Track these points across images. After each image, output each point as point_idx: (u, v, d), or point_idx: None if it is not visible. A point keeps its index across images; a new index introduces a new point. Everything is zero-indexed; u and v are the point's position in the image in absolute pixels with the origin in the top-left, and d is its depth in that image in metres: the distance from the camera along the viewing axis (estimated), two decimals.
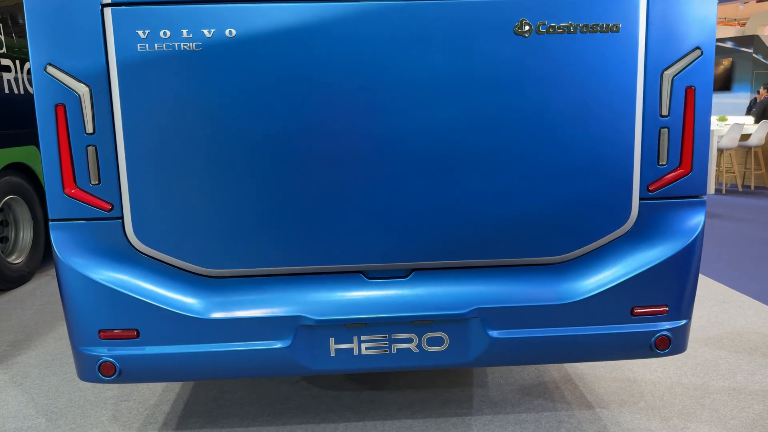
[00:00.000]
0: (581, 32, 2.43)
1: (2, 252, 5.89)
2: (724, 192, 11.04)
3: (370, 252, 2.57)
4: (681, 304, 2.68)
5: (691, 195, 2.62)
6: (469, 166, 2.51)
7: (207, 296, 2.56)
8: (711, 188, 10.62)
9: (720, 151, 10.79)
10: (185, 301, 2.53)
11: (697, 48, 2.49)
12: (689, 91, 2.52)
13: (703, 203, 2.64)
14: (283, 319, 2.55)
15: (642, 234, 2.63)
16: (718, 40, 16.74)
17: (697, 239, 2.63)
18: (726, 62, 16.69)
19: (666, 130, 2.54)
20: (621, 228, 2.61)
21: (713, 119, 12.30)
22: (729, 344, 4.25)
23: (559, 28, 2.43)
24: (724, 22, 22.70)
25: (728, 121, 11.87)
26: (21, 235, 6.11)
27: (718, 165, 10.95)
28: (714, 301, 5.19)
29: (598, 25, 2.43)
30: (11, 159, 5.67)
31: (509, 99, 2.47)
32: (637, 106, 2.51)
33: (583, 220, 2.59)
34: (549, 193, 2.55)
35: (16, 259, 6.02)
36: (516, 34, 2.43)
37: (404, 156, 2.50)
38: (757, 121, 11.94)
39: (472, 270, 2.65)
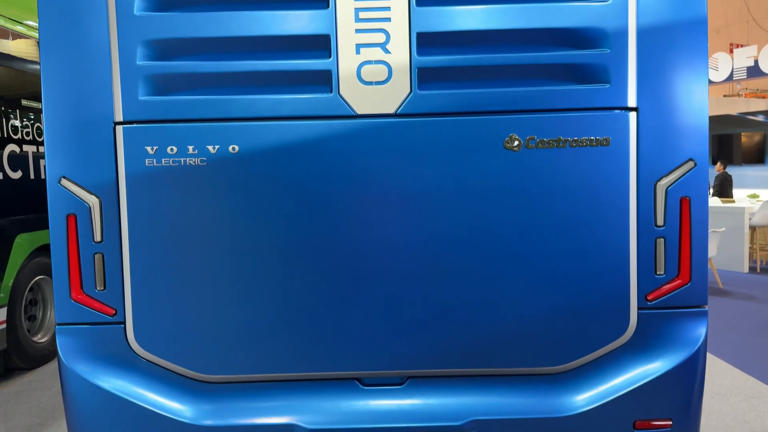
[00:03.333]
0: (571, 146, 2.49)
1: (29, 330, 6.05)
2: (758, 270, 10.73)
3: (365, 359, 2.58)
4: (686, 417, 2.60)
5: (692, 305, 2.58)
6: (465, 276, 2.54)
7: (201, 402, 2.59)
8: (745, 267, 10.35)
9: (753, 228, 10.56)
10: (180, 408, 2.57)
11: (690, 160, 2.52)
12: (684, 202, 2.53)
13: (704, 314, 2.59)
14: (278, 428, 2.55)
15: (642, 345, 2.59)
16: (750, 113, 16.67)
17: (700, 351, 2.57)
18: (758, 136, 16.54)
19: (662, 240, 2.54)
20: (620, 338, 2.58)
21: (744, 195, 12.12)
22: None
23: (548, 142, 2.49)
24: (757, 93, 22.64)
25: (760, 198, 11.67)
26: (48, 314, 6.29)
27: (752, 242, 10.69)
28: (741, 396, 4.97)
29: (587, 139, 2.49)
30: (43, 241, 5.91)
31: (502, 211, 2.52)
32: (631, 216, 2.53)
33: (581, 331, 2.57)
34: (545, 302, 2.55)
35: (42, 338, 6.17)
36: (506, 148, 2.50)
37: (400, 266, 2.54)
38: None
39: (469, 379, 2.63)
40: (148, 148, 2.48)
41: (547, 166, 2.50)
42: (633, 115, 2.49)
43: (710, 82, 16.25)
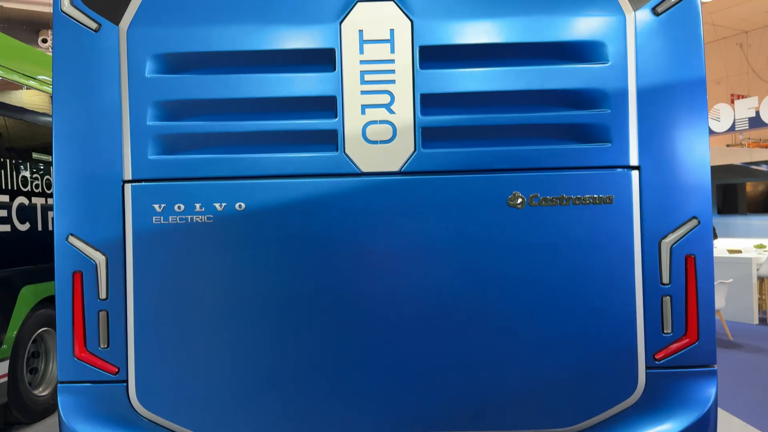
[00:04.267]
0: (574, 204, 2.51)
1: (30, 383, 5.98)
2: None
3: (371, 422, 2.54)
4: None
5: (701, 365, 2.54)
6: (471, 335, 2.52)
7: None
8: (754, 318, 10.21)
9: (761, 279, 10.47)
10: None
11: (694, 218, 2.52)
12: (689, 260, 2.53)
13: (713, 373, 2.55)
14: None
15: (651, 406, 2.54)
16: (753, 163, 16.75)
17: (710, 411, 2.52)
18: (763, 186, 16.58)
19: (668, 298, 2.53)
20: (629, 399, 2.53)
21: (751, 246, 12.06)
22: None
23: (551, 200, 2.51)
24: (759, 143, 22.81)
25: (767, 248, 11.60)
26: (51, 367, 6.23)
27: (760, 293, 10.57)
28: None
29: (591, 197, 2.50)
30: (48, 292, 5.91)
31: (507, 269, 2.52)
32: (637, 274, 2.52)
33: (589, 390, 2.53)
34: (552, 362, 2.52)
35: (43, 391, 6.09)
36: (509, 206, 2.51)
37: (406, 325, 2.53)
38: None
39: None
40: (156, 206, 2.51)
41: (551, 223, 2.51)
42: (635, 174, 2.51)
43: (712, 132, 16.42)
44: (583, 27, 2.53)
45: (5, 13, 13.65)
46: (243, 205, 2.52)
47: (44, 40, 13.65)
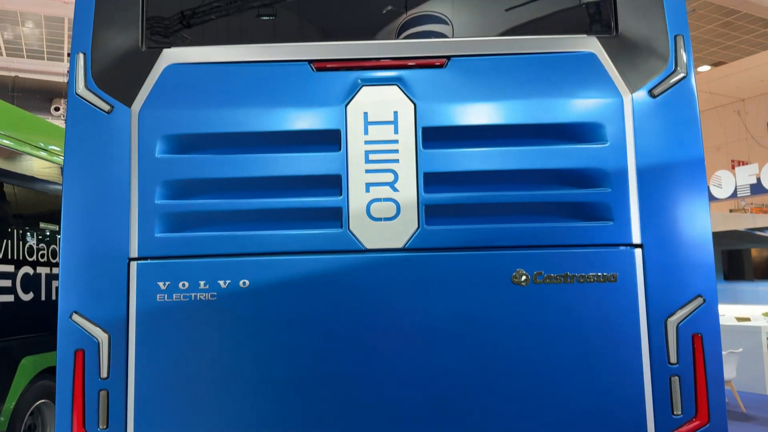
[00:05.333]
0: (578, 282, 2.50)
1: None
2: None
3: None
4: None
5: None
6: (475, 416, 2.47)
7: None
8: (767, 388, 9.97)
9: None
10: None
11: (699, 296, 2.51)
12: (696, 339, 2.50)
13: None
14: None
15: None
16: (758, 228, 16.76)
17: None
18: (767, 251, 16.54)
19: (677, 378, 2.49)
20: None
21: (760, 313, 11.90)
22: None
23: (555, 278, 2.51)
24: (762, 208, 22.90)
25: None
26: None
27: None
28: None
29: (595, 275, 2.51)
30: (48, 363, 5.84)
31: (511, 347, 2.50)
32: (644, 353, 2.49)
33: None
34: None
35: None
36: (513, 283, 2.51)
37: (410, 403, 2.49)
38: None
39: None
40: (161, 284, 2.52)
41: (555, 301, 2.50)
42: (638, 252, 2.52)
43: (714, 198, 16.50)
44: (582, 109, 2.60)
45: (19, 83, 14.09)
46: (247, 282, 2.53)
47: (56, 108, 14.02)
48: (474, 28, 2.93)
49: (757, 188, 16.19)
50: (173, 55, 2.65)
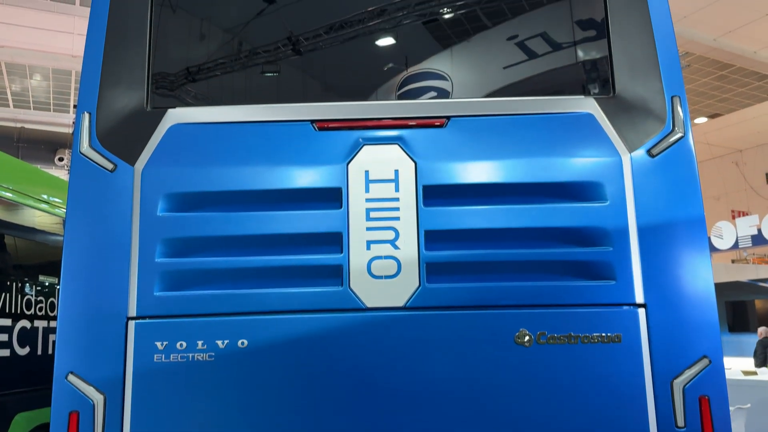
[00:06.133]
0: (582, 343, 2.47)
1: None
2: None
3: None
4: None
5: None
6: None
7: None
8: None
9: None
10: None
11: (705, 357, 2.47)
12: (703, 401, 2.45)
13: None
14: None
15: None
16: (761, 279, 16.67)
17: None
18: None
19: None
20: None
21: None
22: None
23: (559, 338, 2.48)
24: (764, 258, 22.84)
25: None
26: None
27: None
28: None
29: (599, 335, 2.47)
30: (42, 419, 5.71)
31: (515, 409, 2.45)
32: (650, 416, 2.43)
33: None
34: None
35: None
36: (516, 343, 2.48)
37: None
38: (758, 365, 11.32)
39: None
40: (158, 344, 2.48)
41: (559, 362, 2.46)
42: (642, 312, 2.49)
43: (716, 249, 16.47)
44: (582, 168, 2.62)
45: (25, 134, 14.28)
46: (245, 341, 2.49)
47: (60, 159, 14.17)
48: (473, 84, 2.97)
49: (758, 239, 16.20)
50: (177, 115, 2.69)
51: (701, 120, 19.83)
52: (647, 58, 2.74)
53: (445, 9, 3.01)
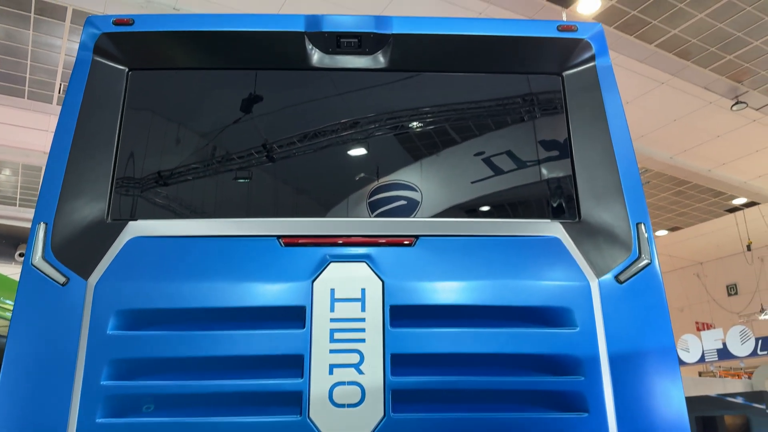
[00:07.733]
0: None
1: None
2: None
3: None
4: None
5: None
6: None
7: None
8: None
9: None
10: None
11: None
12: None
13: None
14: None
15: None
16: (729, 394, 16.54)
17: None
18: (741, 419, 16.20)
19: None
20: None
21: None
22: None
23: None
24: (731, 372, 22.85)
25: None
26: None
27: None
28: None
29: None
30: None
31: None
32: None
33: None
34: None
35: None
36: None
37: None
38: None
39: None
40: None
41: None
42: None
43: (683, 363, 16.43)
44: (551, 293, 2.58)
45: None
46: None
47: (21, 254, 13.77)
48: (441, 196, 2.97)
49: (723, 353, 16.25)
50: (138, 228, 2.60)
51: (662, 233, 20.41)
52: (611, 185, 2.78)
53: (416, 124, 3.07)
